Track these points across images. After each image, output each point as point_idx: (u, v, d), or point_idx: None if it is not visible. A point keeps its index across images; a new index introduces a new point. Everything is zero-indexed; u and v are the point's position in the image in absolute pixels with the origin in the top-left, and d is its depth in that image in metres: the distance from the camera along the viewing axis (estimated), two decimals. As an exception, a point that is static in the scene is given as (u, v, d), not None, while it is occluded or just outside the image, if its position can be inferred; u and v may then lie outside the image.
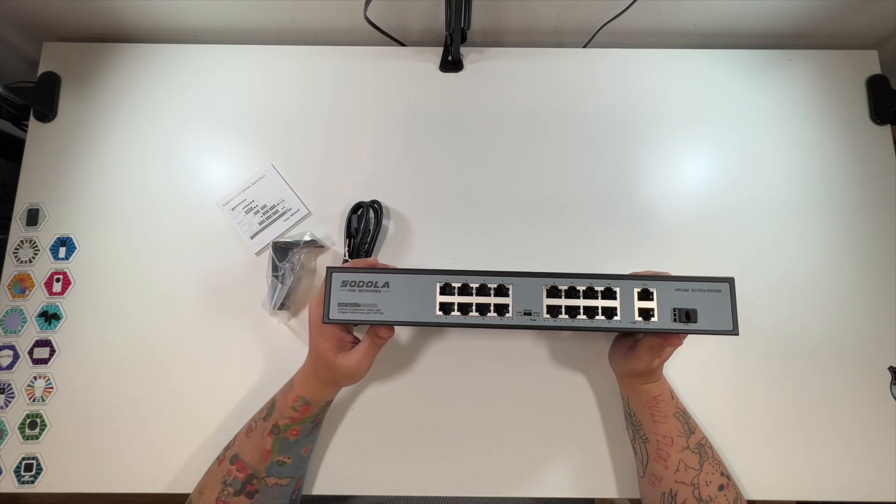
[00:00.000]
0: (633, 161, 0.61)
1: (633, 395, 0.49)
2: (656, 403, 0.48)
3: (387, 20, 0.63)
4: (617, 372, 0.51)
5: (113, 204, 0.59)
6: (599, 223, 0.59)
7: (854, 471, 0.52)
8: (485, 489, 0.52)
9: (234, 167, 0.61)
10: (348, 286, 0.39)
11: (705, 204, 0.59)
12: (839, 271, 0.57)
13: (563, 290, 0.38)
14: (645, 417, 0.48)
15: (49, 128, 0.61)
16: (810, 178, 0.60)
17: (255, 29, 0.66)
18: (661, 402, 0.48)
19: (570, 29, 0.65)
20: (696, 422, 0.48)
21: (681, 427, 0.47)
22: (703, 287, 0.39)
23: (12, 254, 0.58)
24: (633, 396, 0.49)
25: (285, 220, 0.59)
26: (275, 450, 0.45)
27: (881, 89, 0.62)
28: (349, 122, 0.62)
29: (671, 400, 0.48)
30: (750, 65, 0.64)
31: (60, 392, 0.54)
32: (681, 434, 0.46)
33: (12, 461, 0.53)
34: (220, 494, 0.44)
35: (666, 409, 0.47)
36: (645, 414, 0.48)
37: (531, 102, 0.63)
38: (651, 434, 0.47)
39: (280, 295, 0.53)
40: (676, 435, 0.46)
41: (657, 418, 0.47)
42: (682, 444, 0.46)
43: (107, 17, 0.63)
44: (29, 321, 0.56)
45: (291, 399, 0.46)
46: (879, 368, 0.54)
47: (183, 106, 0.63)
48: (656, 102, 0.63)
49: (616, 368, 0.51)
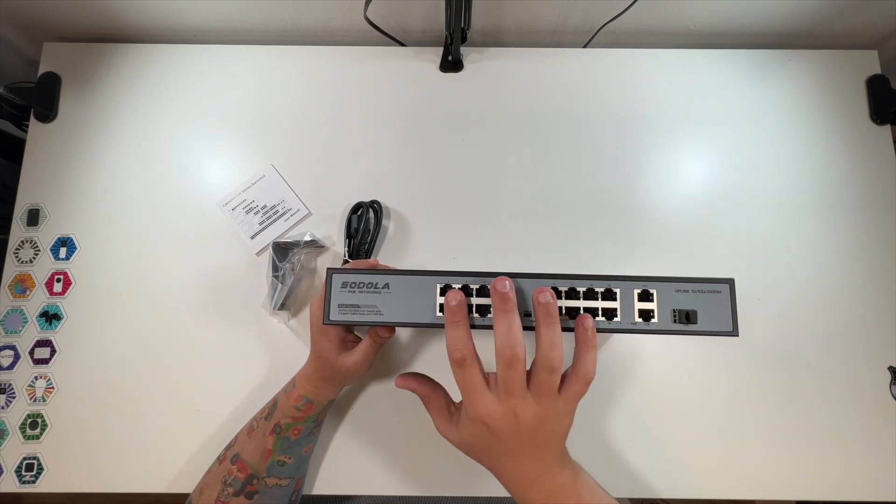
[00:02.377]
0: (633, 161, 0.61)
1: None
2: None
3: (387, 20, 0.63)
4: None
5: (113, 204, 0.59)
6: (599, 223, 0.59)
7: (854, 471, 0.52)
8: (485, 489, 0.52)
9: (235, 167, 0.61)
10: (348, 287, 0.39)
11: (705, 204, 0.59)
12: (839, 271, 0.57)
13: (564, 292, 0.38)
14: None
15: (49, 128, 0.61)
16: (810, 178, 0.60)
17: (255, 29, 0.66)
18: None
19: (570, 29, 0.65)
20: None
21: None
22: (703, 288, 0.39)
23: (13, 254, 0.58)
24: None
25: (285, 221, 0.59)
26: (276, 449, 0.45)
27: (881, 89, 0.62)
28: (349, 122, 0.62)
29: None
30: (750, 65, 0.64)
31: (61, 392, 0.54)
32: None
33: (13, 461, 0.53)
34: (219, 494, 0.44)
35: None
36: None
37: (531, 102, 0.63)
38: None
39: (280, 295, 0.53)
40: None
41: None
42: None
43: (107, 17, 0.63)
44: (29, 321, 0.56)
45: (294, 398, 0.46)
46: (879, 368, 0.55)
47: (183, 106, 0.63)
48: (656, 102, 0.63)
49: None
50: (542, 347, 0.33)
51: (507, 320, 0.33)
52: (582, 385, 0.34)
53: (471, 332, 0.35)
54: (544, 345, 0.33)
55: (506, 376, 0.33)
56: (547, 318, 0.33)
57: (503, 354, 0.33)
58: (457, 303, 0.35)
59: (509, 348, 0.32)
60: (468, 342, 0.34)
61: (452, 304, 0.35)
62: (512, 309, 0.33)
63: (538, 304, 0.34)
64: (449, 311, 0.35)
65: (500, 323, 0.33)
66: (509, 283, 0.34)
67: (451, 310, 0.35)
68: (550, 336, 0.33)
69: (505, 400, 0.33)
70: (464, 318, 0.35)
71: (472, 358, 0.34)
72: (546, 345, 0.33)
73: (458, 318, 0.34)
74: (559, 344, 0.33)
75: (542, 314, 0.33)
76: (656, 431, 0.53)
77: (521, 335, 0.33)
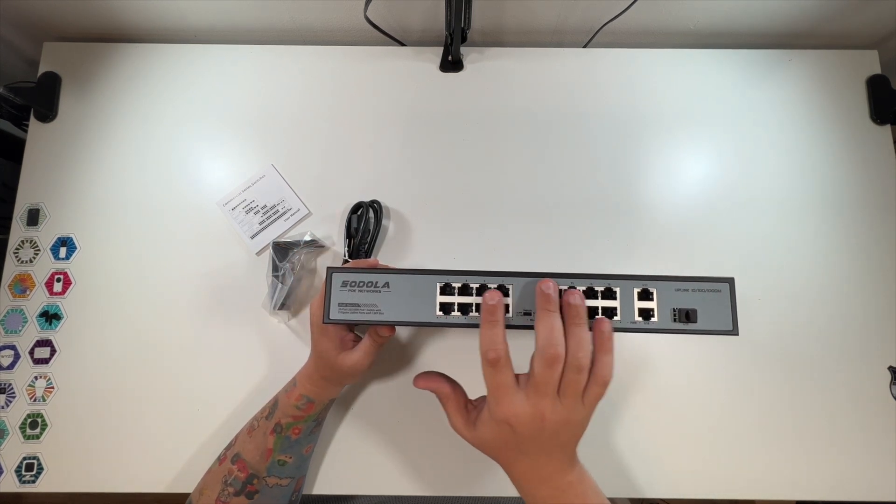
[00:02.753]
0: (633, 161, 0.61)
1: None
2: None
3: (387, 20, 0.63)
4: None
5: (113, 204, 0.59)
6: (599, 223, 0.59)
7: (854, 470, 0.52)
8: (485, 489, 0.52)
9: (235, 167, 0.61)
10: (348, 286, 0.39)
11: (705, 204, 0.59)
12: (839, 271, 0.57)
13: (563, 291, 0.38)
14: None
15: (49, 128, 0.61)
16: (810, 178, 0.60)
17: (255, 29, 0.66)
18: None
19: (570, 29, 0.65)
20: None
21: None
22: (702, 287, 0.39)
23: (13, 254, 0.58)
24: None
25: (285, 220, 0.59)
26: (277, 449, 0.45)
27: (881, 89, 0.62)
28: (349, 121, 0.62)
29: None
30: (750, 65, 0.64)
31: (61, 392, 0.54)
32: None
33: (13, 461, 0.53)
34: (220, 494, 0.44)
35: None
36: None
37: (531, 102, 0.63)
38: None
39: (280, 295, 0.53)
40: None
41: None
42: None
43: (107, 17, 0.63)
44: (30, 321, 0.56)
45: (295, 397, 0.46)
46: (879, 368, 0.55)
47: (183, 106, 0.63)
48: (656, 102, 0.63)
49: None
50: (572, 347, 0.33)
51: (550, 320, 0.34)
52: (600, 387, 0.34)
53: (505, 333, 0.35)
54: (573, 344, 0.33)
55: (544, 376, 0.33)
56: (577, 319, 0.34)
57: (546, 353, 0.33)
58: (495, 302, 0.35)
59: (552, 347, 0.33)
60: (503, 342, 0.34)
61: (491, 303, 0.34)
62: (555, 310, 0.34)
63: (569, 306, 0.34)
64: (487, 310, 0.35)
65: (543, 322, 0.34)
66: (553, 284, 0.35)
67: (488, 309, 0.35)
68: (579, 336, 0.33)
69: (536, 401, 0.34)
70: (501, 317, 0.35)
71: (507, 359, 0.34)
72: (575, 344, 0.33)
73: (495, 317, 0.34)
74: (587, 344, 0.34)
75: (573, 315, 0.34)
76: (656, 431, 0.53)
77: (563, 336, 0.34)
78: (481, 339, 0.34)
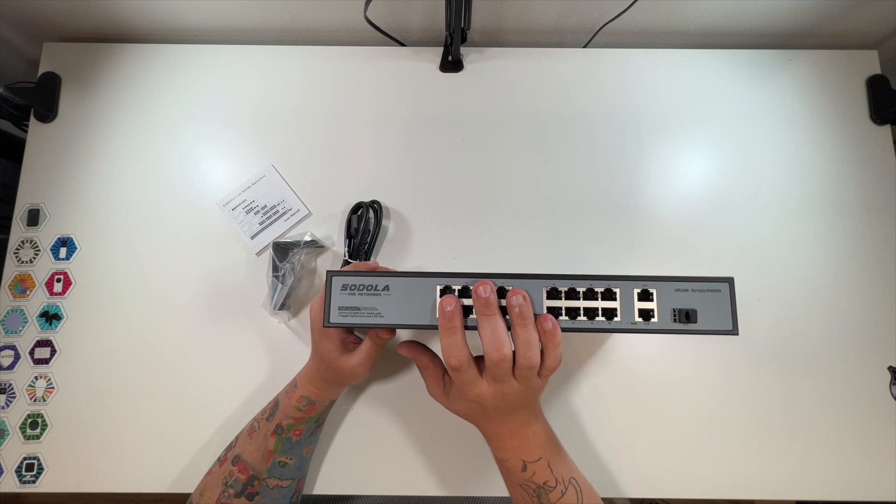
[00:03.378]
0: (633, 161, 0.61)
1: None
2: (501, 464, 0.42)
3: (387, 20, 0.63)
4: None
5: (113, 204, 0.59)
6: (599, 223, 0.59)
7: (853, 470, 0.52)
8: (484, 489, 0.52)
9: (235, 167, 0.61)
10: (348, 290, 0.39)
11: (705, 204, 0.59)
12: (839, 271, 0.57)
13: (564, 292, 0.38)
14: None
15: (49, 128, 0.61)
16: (810, 178, 0.60)
17: (254, 29, 0.66)
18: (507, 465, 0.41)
19: (570, 29, 0.65)
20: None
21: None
22: (702, 287, 0.39)
23: (13, 254, 0.58)
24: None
25: (285, 221, 0.59)
26: (277, 450, 0.45)
27: (881, 89, 0.62)
28: (349, 122, 0.62)
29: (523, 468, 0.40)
30: (750, 65, 0.64)
31: (61, 392, 0.54)
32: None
33: (13, 461, 0.53)
34: (220, 496, 0.44)
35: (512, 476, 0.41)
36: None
37: (531, 102, 0.63)
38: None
39: (280, 295, 0.53)
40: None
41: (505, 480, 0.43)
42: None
43: (107, 17, 0.63)
44: (30, 321, 0.56)
45: (296, 399, 0.46)
46: (879, 368, 0.55)
47: (183, 106, 0.62)
48: (656, 102, 0.63)
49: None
50: (521, 348, 0.36)
51: (490, 324, 0.36)
52: (553, 370, 0.38)
53: (465, 336, 0.36)
54: (522, 345, 0.36)
55: (496, 373, 0.36)
56: (522, 320, 0.36)
57: (491, 356, 0.35)
58: (451, 308, 0.36)
59: (496, 350, 0.35)
60: (463, 348, 0.36)
61: (447, 309, 0.36)
62: (494, 312, 0.36)
63: (511, 308, 0.36)
64: (444, 316, 0.36)
65: (484, 327, 0.36)
66: (490, 286, 0.36)
67: (445, 315, 0.36)
68: (526, 337, 0.36)
69: (494, 385, 0.37)
70: (459, 323, 0.36)
71: (469, 363, 0.37)
72: (523, 345, 0.36)
73: (452, 323, 0.36)
74: (535, 343, 0.36)
75: (518, 316, 0.36)
76: (655, 431, 0.53)
77: (505, 335, 0.36)
78: (442, 345, 0.36)
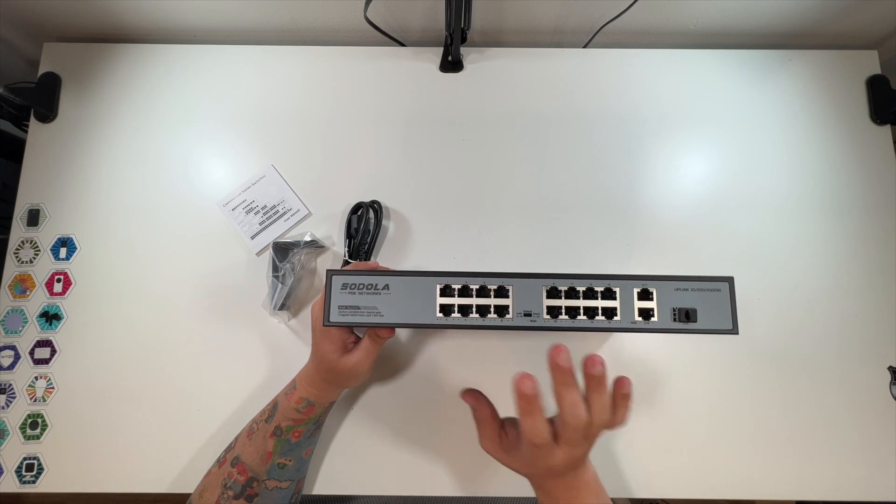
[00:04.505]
0: (633, 161, 0.61)
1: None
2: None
3: (387, 20, 0.63)
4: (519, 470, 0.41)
5: (113, 204, 0.59)
6: (599, 223, 0.59)
7: (853, 470, 0.52)
8: (485, 489, 0.52)
9: (235, 167, 0.61)
10: (348, 289, 0.39)
11: (705, 204, 0.59)
12: (839, 271, 0.57)
13: (563, 291, 0.38)
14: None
15: (49, 128, 0.61)
16: (810, 178, 0.60)
17: (254, 29, 0.66)
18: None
19: (570, 29, 0.65)
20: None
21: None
22: (702, 286, 0.39)
23: (13, 254, 0.58)
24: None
25: (286, 221, 0.59)
26: (276, 452, 0.45)
27: (881, 89, 0.62)
28: (349, 122, 0.62)
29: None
30: (750, 65, 0.64)
31: (61, 392, 0.54)
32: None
33: (13, 461, 0.53)
34: (220, 497, 0.44)
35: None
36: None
37: (531, 102, 0.63)
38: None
39: (280, 295, 0.53)
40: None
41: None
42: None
43: (107, 17, 0.63)
44: (30, 321, 0.56)
45: (295, 400, 0.46)
46: (879, 368, 0.55)
47: (183, 106, 0.63)
48: (656, 102, 0.63)
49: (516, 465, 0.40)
50: (596, 412, 0.35)
51: (571, 394, 0.34)
52: (620, 426, 0.37)
53: (544, 415, 0.35)
54: (598, 410, 0.35)
55: (572, 437, 0.35)
56: (600, 388, 0.35)
57: (570, 424, 0.35)
58: (532, 392, 0.34)
59: (576, 418, 0.34)
60: (546, 426, 0.35)
61: (528, 392, 0.34)
62: (573, 382, 0.35)
63: (592, 377, 0.35)
64: (524, 399, 0.34)
65: (565, 396, 0.34)
66: (566, 354, 0.34)
67: (527, 399, 0.34)
68: (602, 402, 0.35)
69: (567, 450, 0.36)
70: (539, 405, 0.35)
71: (550, 440, 0.36)
72: (600, 409, 0.35)
73: (533, 405, 0.35)
74: (609, 407, 0.36)
75: (596, 385, 0.35)
76: (655, 431, 0.53)
77: (582, 402, 0.35)
78: (524, 426, 0.35)
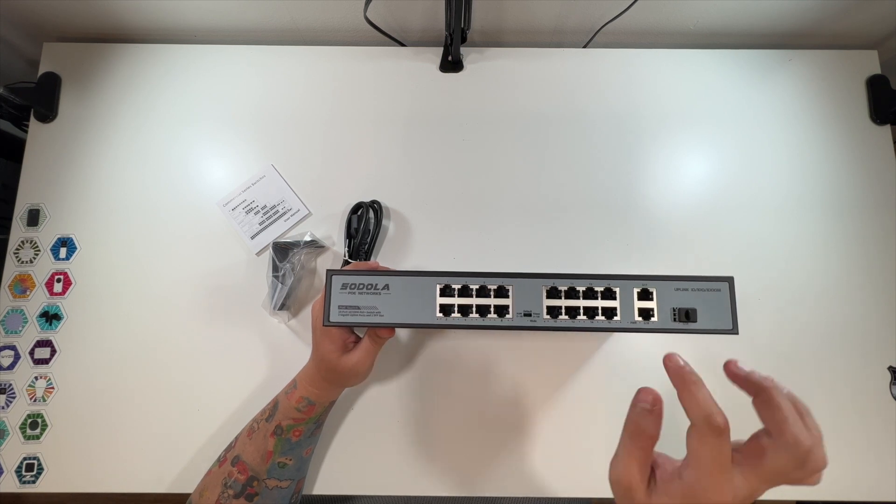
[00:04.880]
0: (633, 161, 0.61)
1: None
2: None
3: (387, 20, 0.63)
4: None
5: (113, 204, 0.59)
6: (599, 223, 0.59)
7: (854, 471, 0.52)
8: (485, 489, 0.52)
9: (235, 167, 0.61)
10: (348, 289, 0.39)
11: (705, 203, 0.59)
12: (839, 271, 0.57)
13: (563, 291, 0.38)
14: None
15: (49, 128, 0.61)
16: (810, 178, 0.60)
17: (254, 29, 0.66)
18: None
19: (570, 29, 0.65)
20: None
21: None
22: (702, 286, 0.39)
23: (13, 254, 0.58)
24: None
25: (285, 221, 0.59)
26: (277, 451, 0.45)
27: (881, 89, 0.62)
28: (349, 122, 0.62)
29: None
30: (750, 65, 0.64)
31: (61, 392, 0.54)
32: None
33: (13, 461, 0.53)
34: (220, 496, 0.44)
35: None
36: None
37: (531, 102, 0.63)
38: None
39: (280, 295, 0.53)
40: None
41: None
42: None
43: (107, 17, 0.63)
44: (30, 321, 0.56)
45: (295, 399, 0.46)
46: (879, 368, 0.55)
47: (183, 106, 0.63)
48: (656, 102, 0.63)
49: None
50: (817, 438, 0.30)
51: (702, 390, 0.29)
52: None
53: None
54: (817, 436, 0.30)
55: (778, 468, 0.28)
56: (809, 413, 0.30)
57: (790, 446, 0.28)
58: (684, 365, 0.30)
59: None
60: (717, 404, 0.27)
61: (682, 364, 0.30)
62: (698, 379, 0.29)
63: (797, 402, 0.30)
64: (682, 373, 0.30)
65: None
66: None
67: (685, 371, 0.30)
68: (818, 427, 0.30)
69: (756, 485, 0.28)
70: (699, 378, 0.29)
71: (727, 426, 0.27)
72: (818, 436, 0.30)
73: (694, 377, 0.30)
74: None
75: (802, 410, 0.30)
76: (656, 431, 0.53)
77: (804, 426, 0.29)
78: (695, 401, 0.28)
